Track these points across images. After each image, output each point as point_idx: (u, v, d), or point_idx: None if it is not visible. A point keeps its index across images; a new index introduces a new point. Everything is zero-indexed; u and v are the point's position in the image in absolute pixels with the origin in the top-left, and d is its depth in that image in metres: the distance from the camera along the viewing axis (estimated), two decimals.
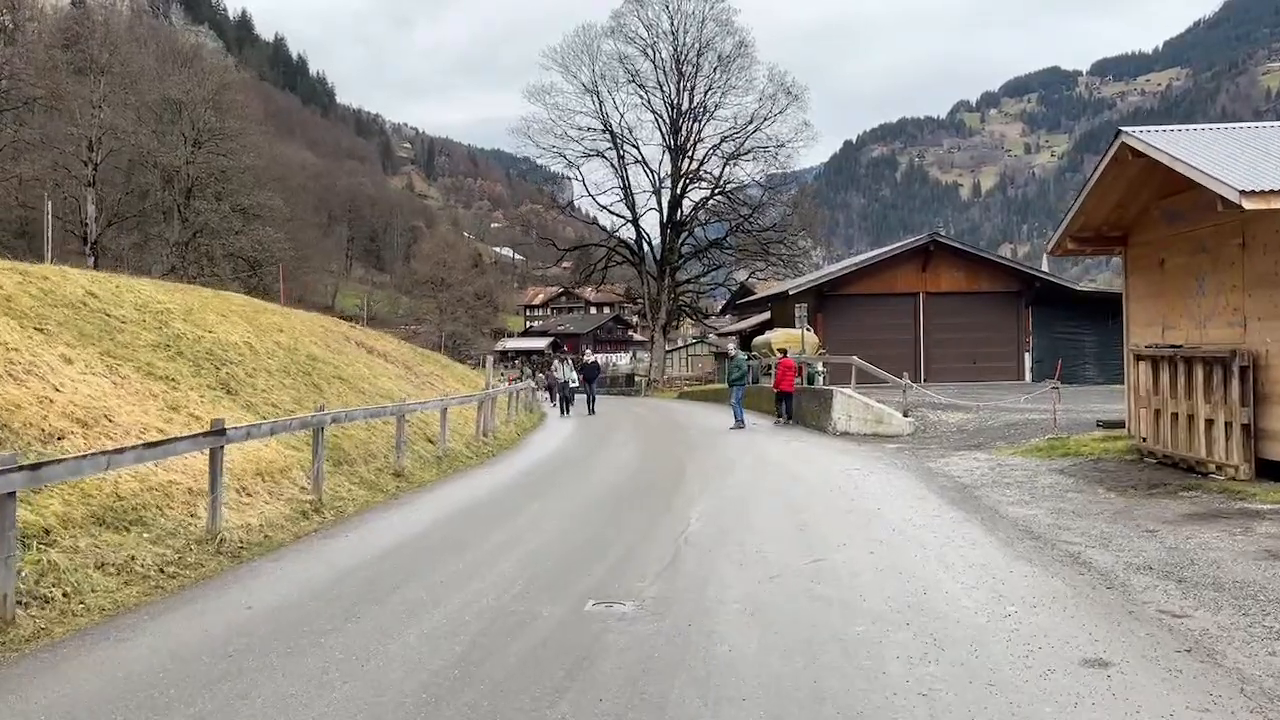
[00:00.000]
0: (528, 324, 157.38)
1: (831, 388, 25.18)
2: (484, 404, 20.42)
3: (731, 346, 32.39)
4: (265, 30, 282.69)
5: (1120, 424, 16.70)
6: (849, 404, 23.21)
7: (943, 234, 41.33)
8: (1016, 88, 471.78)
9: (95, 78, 55.09)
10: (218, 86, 63.37)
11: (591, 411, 31.19)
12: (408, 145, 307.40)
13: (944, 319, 38.72)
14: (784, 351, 32.64)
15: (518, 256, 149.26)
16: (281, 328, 18.57)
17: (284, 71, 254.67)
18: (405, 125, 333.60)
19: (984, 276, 39.46)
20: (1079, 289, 41.86)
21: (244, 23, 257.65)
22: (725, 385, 28.06)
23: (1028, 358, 39.37)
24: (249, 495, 10.95)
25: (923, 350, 38.64)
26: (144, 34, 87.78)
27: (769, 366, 34.94)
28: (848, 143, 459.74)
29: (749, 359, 34.86)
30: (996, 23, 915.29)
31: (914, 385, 23.17)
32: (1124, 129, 13.44)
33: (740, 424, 24.97)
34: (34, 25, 67.53)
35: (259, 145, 71.17)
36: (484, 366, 26.18)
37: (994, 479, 13.95)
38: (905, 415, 21.82)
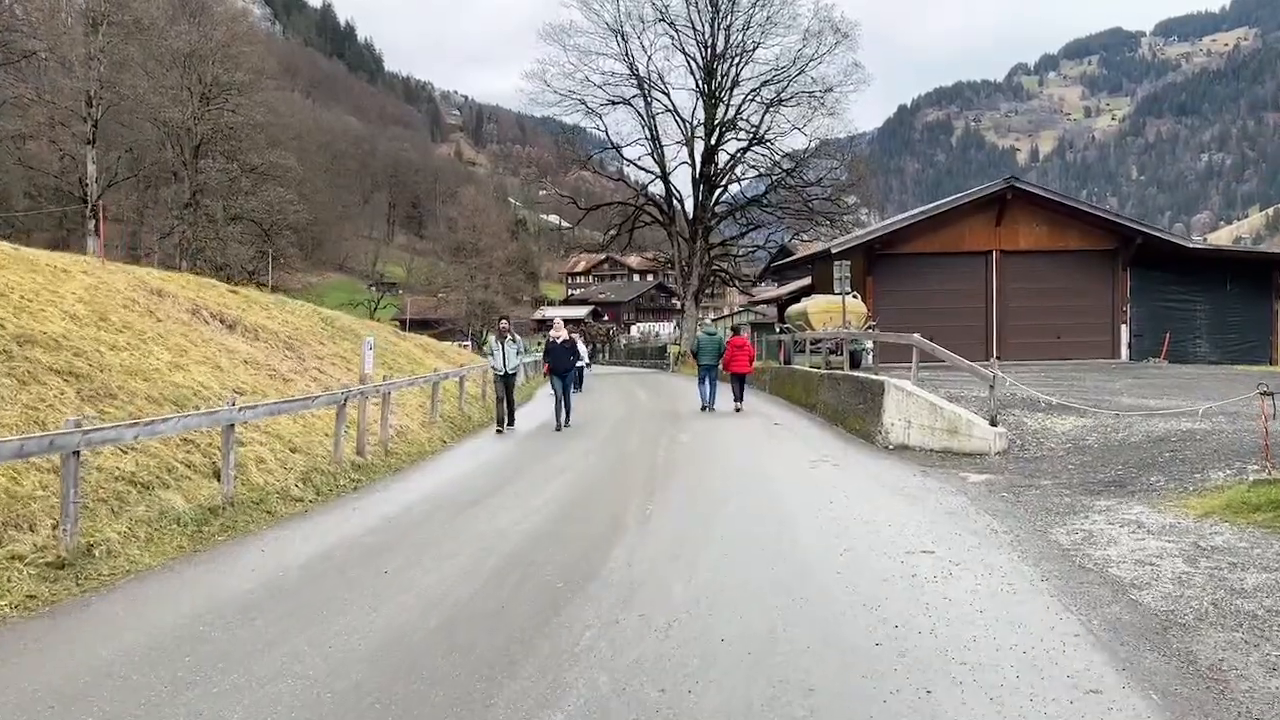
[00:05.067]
0: (569, 292, 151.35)
1: (882, 377, 17.88)
2: (347, 409, 13.38)
3: (709, 320, 27.55)
4: None
5: None
6: (907, 403, 16.00)
7: (1021, 180, 33.84)
8: (1077, 49, 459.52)
9: (92, 28, 49.73)
10: (228, 37, 57.93)
11: (564, 424, 19.20)
12: (456, 112, 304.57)
13: (1022, 283, 31.92)
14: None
15: (564, 223, 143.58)
16: (9, 288, 11.75)
17: (331, 38, 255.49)
18: (454, 92, 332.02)
19: (1072, 232, 32.21)
20: (1192, 246, 34.09)
21: None
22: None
23: (1125, 331, 32.16)
24: None
25: (995, 321, 31.82)
26: None
27: (800, 342, 28.27)
28: (902, 107, 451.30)
29: (783, 332, 29.81)
30: None
31: (1004, 377, 15.84)
32: None
33: (708, 407, 22.65)
34: None
35: (272, 101, 66.06)
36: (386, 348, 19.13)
37: (1211, 597, 6.79)
38: (993, 423, 14.56)
